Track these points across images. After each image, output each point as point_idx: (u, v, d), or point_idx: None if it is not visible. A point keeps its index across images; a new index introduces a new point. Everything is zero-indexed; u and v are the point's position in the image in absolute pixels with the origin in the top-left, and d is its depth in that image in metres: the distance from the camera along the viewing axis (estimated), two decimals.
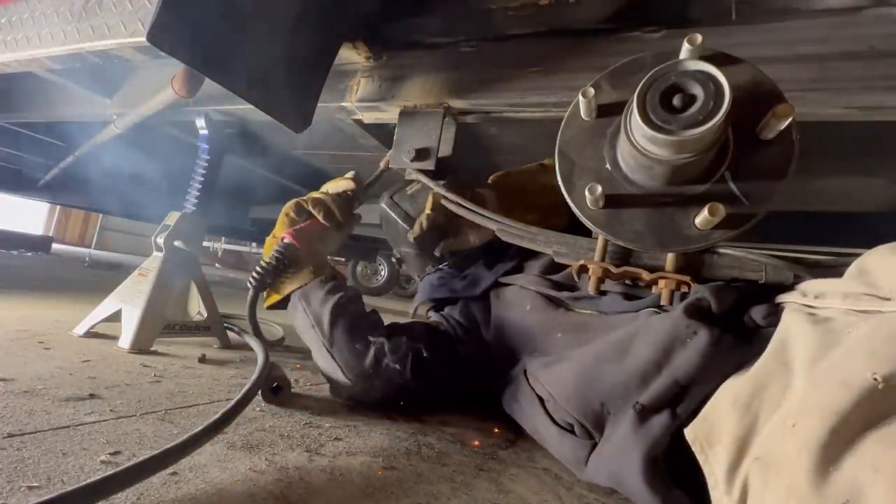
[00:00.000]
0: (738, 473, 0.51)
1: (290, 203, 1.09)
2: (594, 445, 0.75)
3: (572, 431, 0.78)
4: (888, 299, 0.48)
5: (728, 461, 0.52)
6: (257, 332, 1.09)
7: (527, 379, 0.90)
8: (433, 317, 1.18)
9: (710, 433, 0.56)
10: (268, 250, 1.05)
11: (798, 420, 0.45)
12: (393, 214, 1.14)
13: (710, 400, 0.61)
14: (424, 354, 0.95)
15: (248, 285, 1.01)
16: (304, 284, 1.00)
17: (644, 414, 0.66)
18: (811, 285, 0.60)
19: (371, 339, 0.93)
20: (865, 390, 0.40)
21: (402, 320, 1.12)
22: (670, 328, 0.68)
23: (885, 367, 0.40)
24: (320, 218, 1.07)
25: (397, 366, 0.91)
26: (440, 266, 1.31)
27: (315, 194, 1.10)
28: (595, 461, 0.74)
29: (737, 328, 0.66)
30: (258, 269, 1.01)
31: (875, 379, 0.40)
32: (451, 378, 1.02)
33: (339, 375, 0.93)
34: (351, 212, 1.12)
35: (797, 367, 0.52)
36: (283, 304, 1.04)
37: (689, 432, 0.60)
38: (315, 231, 1.07)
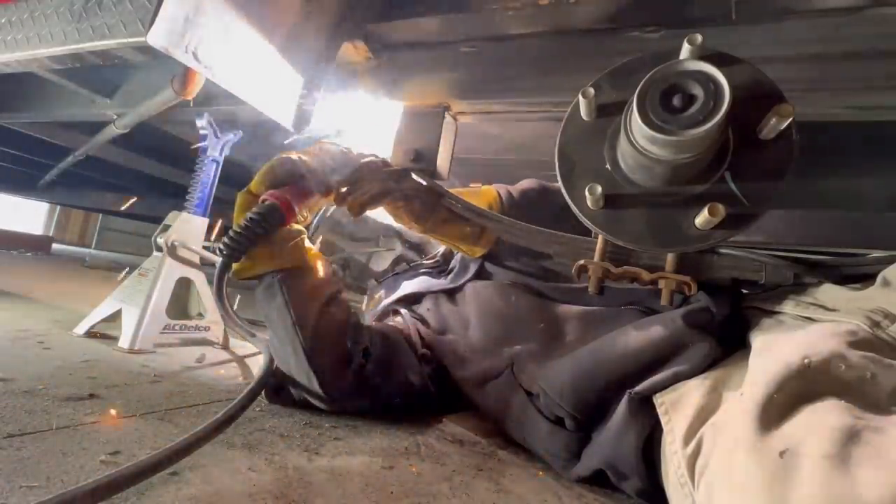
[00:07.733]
0: (696, 434, 0.58)
1: (283, 158, 0.88)
2: (587, 439, 0.77)
3: (562, 426, 0.79)
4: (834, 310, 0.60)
5: (688, 424, 0.60)
6: (226, 310, 0.95)
7: (513, 373, 0.88)
8: (398, 318, 1.14)
9: (677, 401, 0.64)
10: (241, 209, 0.88)
11: (745, 389, 0.54)
12: None
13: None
14: (409, 376, 0.93)
15: (218, 253, 0.85)
16: (287, 267, 0.86)
17: (639, 400, 0.69)
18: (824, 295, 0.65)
19: (356, 354, 0.88)
20: (799, 368, 0.50)
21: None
22: (671, 335, 0.71)
23: (815, 356, 0.50)
24: (315, 184, 0.88)
25: (378, 387, 0.89)
26: (413, 263, 1.33)
27: (309, 156, 0.89)
28: (589, 452, 0.76)
29: (732, 331, 0.70)
30: (233, 233, 0.84)
31: (806, 362, 0.50)
32: (421, 387, 0.97)
33: (312, 385, 0.85)
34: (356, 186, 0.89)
35: (752, 355, 0.61)
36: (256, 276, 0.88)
37: (658, 398, 0.66)
38: (306, 198, 0.88)
